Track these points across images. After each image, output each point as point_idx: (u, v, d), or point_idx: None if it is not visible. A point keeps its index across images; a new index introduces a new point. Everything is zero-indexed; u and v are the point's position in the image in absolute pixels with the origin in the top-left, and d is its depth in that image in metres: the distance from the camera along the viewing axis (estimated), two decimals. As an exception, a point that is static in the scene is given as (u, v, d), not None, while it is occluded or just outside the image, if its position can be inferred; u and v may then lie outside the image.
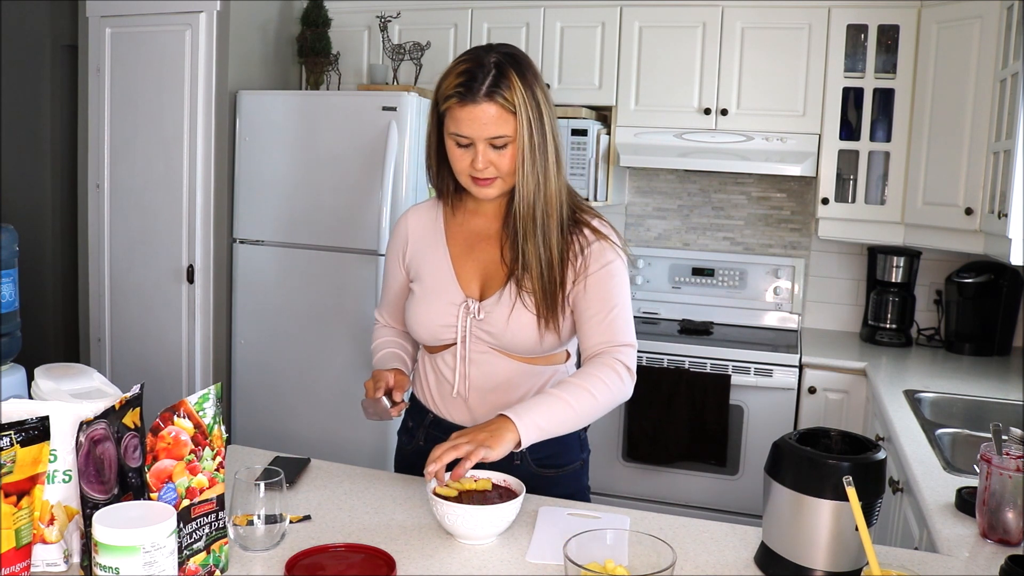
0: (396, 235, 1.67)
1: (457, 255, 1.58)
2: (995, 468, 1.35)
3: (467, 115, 1.42)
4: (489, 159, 1.44)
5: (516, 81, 1.42)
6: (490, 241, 1.57)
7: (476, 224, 1.59)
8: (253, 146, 3.21)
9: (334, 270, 3.12)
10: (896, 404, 2.29)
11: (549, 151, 1.46)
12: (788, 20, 3.08)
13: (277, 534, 1.26)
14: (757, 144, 3.12)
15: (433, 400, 1.63)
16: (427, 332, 1.57)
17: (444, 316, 1.54)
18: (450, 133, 1.46)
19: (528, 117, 1.42)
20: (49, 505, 1.15)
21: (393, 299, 1.71)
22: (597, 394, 1.44)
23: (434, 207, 1.64)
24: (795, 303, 3.39)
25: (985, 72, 2.66)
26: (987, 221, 2.61)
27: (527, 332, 1.51)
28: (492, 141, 1.43)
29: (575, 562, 1.09)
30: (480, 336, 1.54)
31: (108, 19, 3.31)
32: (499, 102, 1.41)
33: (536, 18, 3.33)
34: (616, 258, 1.52)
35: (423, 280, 1.59)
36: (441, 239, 1.60)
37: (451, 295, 1.55)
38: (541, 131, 1.45)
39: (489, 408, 1.56)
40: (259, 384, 3.28)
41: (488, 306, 1.52)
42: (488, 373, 1.56)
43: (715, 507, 2.99)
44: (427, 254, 1.60)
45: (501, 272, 1.54)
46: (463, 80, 1.42)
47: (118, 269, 3.40)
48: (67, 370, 1.36)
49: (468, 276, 1.56)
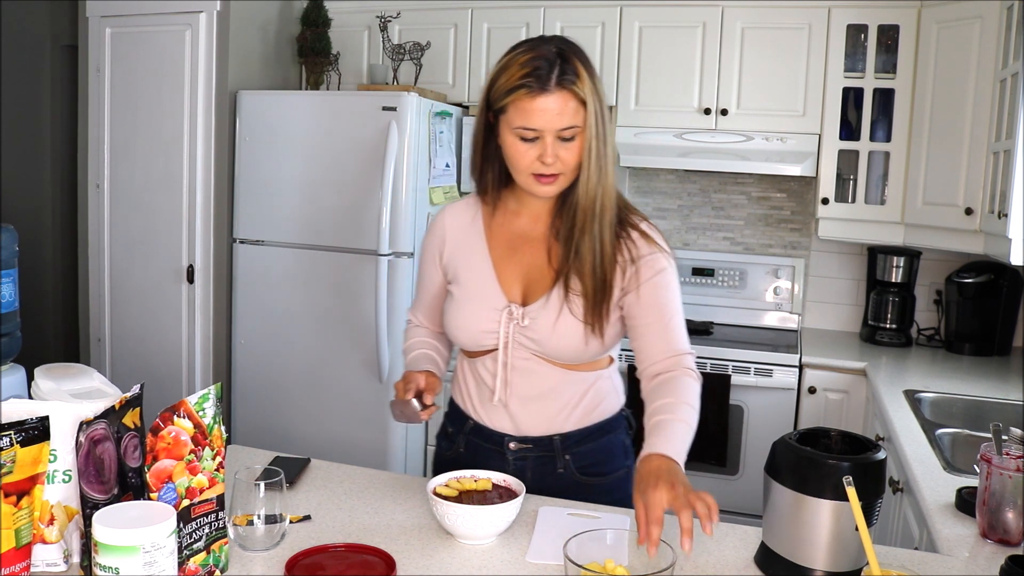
0: (432, 234, 1.61)
1: (498, 257, 1.52)
2: (995, 468, 1.35)
3: (539, 106, 1.35)
4: (556, 152, 1.38)
5: (582, 69, 1.37)
6: (534, 244, 1.51)
7: (519, 225, 1.53)
8: (253, 146, 3.21)
9: (334, 270, 3.12)
10: (896, 404, 2.29)
11: (609, 142, 1.42)
12: (788, 20, 3.08)
13: (277, 534, 1.26)
14: (757, 144, 3.12)
15: (473, 406, 1.58)
16: (467, 337, 1.52)
17: (485, 322, 1.49)
18: (515, 127, 1.38)
19: (595, 107, 1.38)
20: (49, 505, 1.15)
21: (428, 300, 1.65)
22: (696, 406, 1.40)
23: (472, 206, 1.58)
24: (795, 303, 3.39)
25: (985, 72, 2.66)
26: (987, 221, 2.61)
27: (573, 339, 1.46)
28: (561, 133, 1.37)
29: (575, 562, 1.09)
30: (523, 343, 1.48)
31: (108, 19, 3.31)
32: (571, 90, 1.36)
33: (536, 18, 3.33)
34: (668, 265, 1.48)
35: (462, 283, 1.54)
36: (481, 240, 1.54)
37: (492, 300, 1.50)
38: (604, 121, 1.40)
39: (531, 416, 1.53)
40: (259, 384, 3.28)
41: (533, 311, 1.47)
42: (530, 380, 1.51)
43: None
44: (466, 255, 1.55)
45: (546, 276, 1.49)
46: (530, 70, 1.35)
47: (118, 269, 3.40)
48: (67, 370, 1.36)
49: (510, 280, 1.51)
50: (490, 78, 1.42)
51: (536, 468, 1.54)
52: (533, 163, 1.40)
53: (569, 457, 1.54)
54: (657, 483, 1.18)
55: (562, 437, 1.54)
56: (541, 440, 1.54)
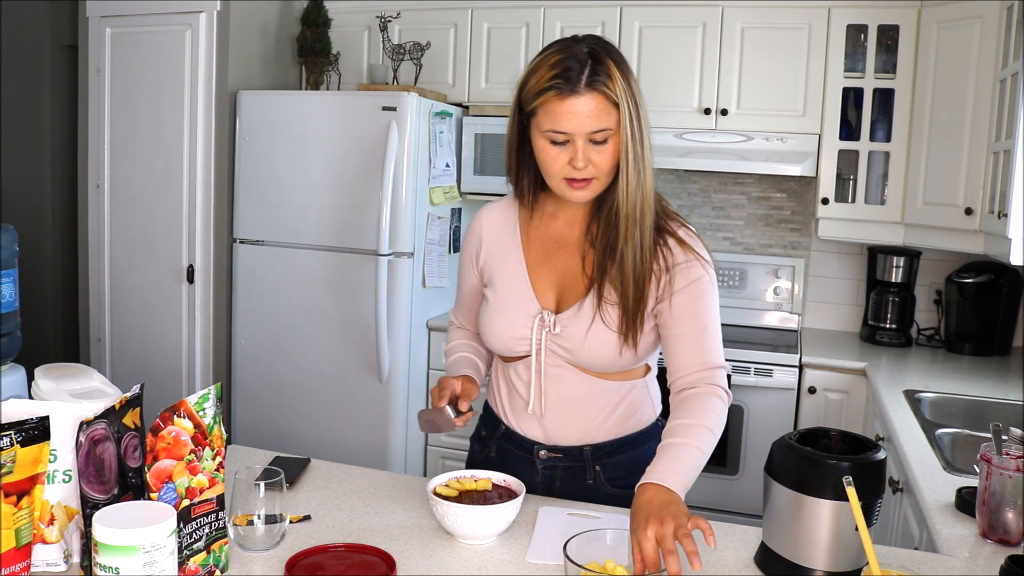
0: (470, 236, 1.58)
1: (533, 262, 1.49)
2: (995, 468, 1.35)
3: (567, 108, 1.31)
4: (588, 156, 1.34)
5: (615, 70, 1.33)
6: (569, 249, 1.48)
7: (555, 229, 1.50)
8: (253, 146, 3.21)
9: (334, 270, 3.12)
10: (896, 404, 2.29)
11: (647, 144, 1.37)
12: (788, 20, 3.08)
13: (277, 534, 1.26)
14: (757, 144, 3.12)
15: (505, 412, 1.56)
16: (500, 343, 1.50)
17: (518, 328, 1.47)
18: (544, 131, 1.35)
19: (629, 109, 1.33)
20: (49, 505, 1.15)
21: (467, 301, 1.63)
22: (715, 429, 1.36)
23: (509, 207, 1.55)
24: (795, 303, 3.39)
25: (985, 72, 2.66)
26: (987, 221, 2.61)
27: (606, 348, 1.42)
28: (593, 136, 1.33)
29: (575, 562, 1.09)
30: (555, 350, 1.46)
31: (108, 19, 3.31)
32: (602, 91, 1.31)
33: (536, 18, 3.33)
34: (704, 273, 1.43)
35: (496, 287, 1.51)
36: (516, 244, 1.51)
37: (525, 306, 1.47)
38: (640, 123, 1.35)
39: (563, 425, 1.50)
40: (259, 384, 3.28)
41: (565, 319, 1.44)
42: (563, 389, 1.48)
43: (715, 507, 2.98)
44: (501, 259, 1.52)
45: (580, 283, 1.45)
46: (559, 71, 1.31)
47: (118, 269, 3.40)
48: (67, 370, 1.36)
49: (544, 286, 1.48)
50: (521, 79, 1.38)
51: (565, 478, 1.53)
52: (564, 167, 1.36)
53: (599, 468, 1.52)
54: (647, 522, 1.16)
55: (593, 448, 1.51)
56: (571, 450, 1.52)
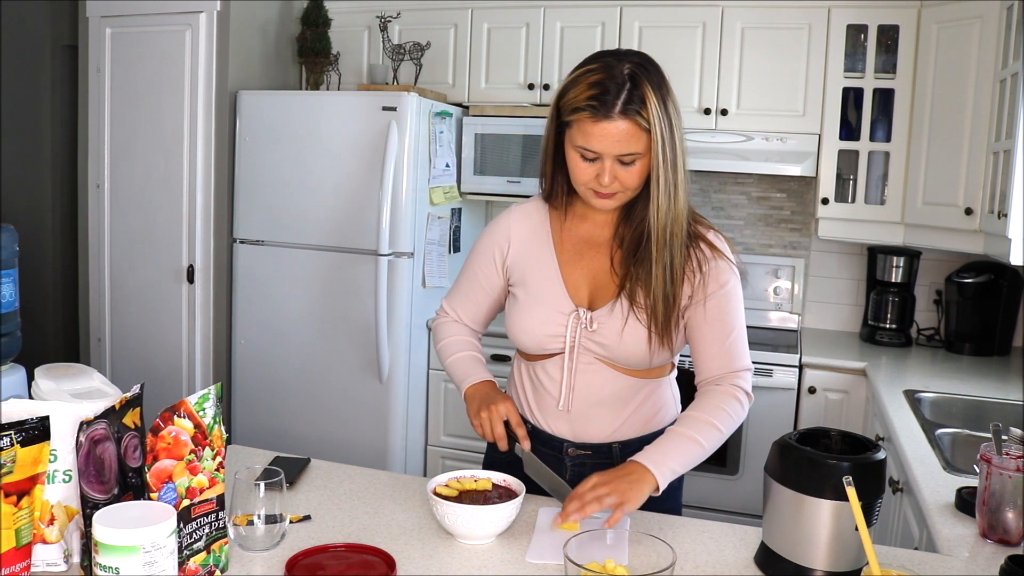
0: (495, 233, 1.58)
1: (565, 261, 1.51)
2: (995, 468, 1.35)
3: (599, 131, 1.35)
4: (615, 174, 1.38)
5: (651, 95, 1.35)
6: (599, 249, 1.51)
7: (585, 230, 1.53)
8: (253, 146, 3.21)
9: (334, 270, 3.12)
10: (896, 404, 2.29)
11: (680, 165, 1.40)
12: (788, 20, 3.08)
13: (277, 534, 1.26)
14: (757, 144, 3.12)
15: (531, 410, 1.57)
16: (533, 341, 1.51)
17: (552, 325, 1.48)
18: (576, 146, 1.39)
19: (661, 134, 1.35)
20: (49, 505, 1.15)
21: (477, 298, 1.61)
22: (723, 427, 1.41)
23: (539, 209, 1.57)
24: (795, 303, 3.39)
25: (985, 72, 2.66)
26: (987, 221, 2.61)
27: (640, 345, 1.45)
28: (621, 158, 1.37)
29: (575, 562, 1.09)
30: (589, 347, 1.48)
31: (108, 19, 3.31)
32: (634, 119, 1.34)
33: (536, 18, 3.33)
34: (732, 276, 1.48)
35: (528, 286, 1.52)
36: (548, 244, 1.53)
37: (559, 304, 1.49)
38: (673, 146, 1.38)
39: (591, 423, 1.52)
40: (259, 384, 3.28)
41: (601, 316, 1.46)
42: (594, 386, 1.50)
43: (715, 507, 2.98)
44: (533, 258, 1.53)
45: (612, 282, 1.48)
46: (596, 93, 1.34)
47: (118, 269, 3.40)
48: (67, 370, 1.36)
49: (576, 284, 1.50)
50: (562, 87, 1.41)
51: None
52: (592, 180, 1.40)
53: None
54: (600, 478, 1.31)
55: (621, 445, 1.53)
56: (600, 447, 1.53)
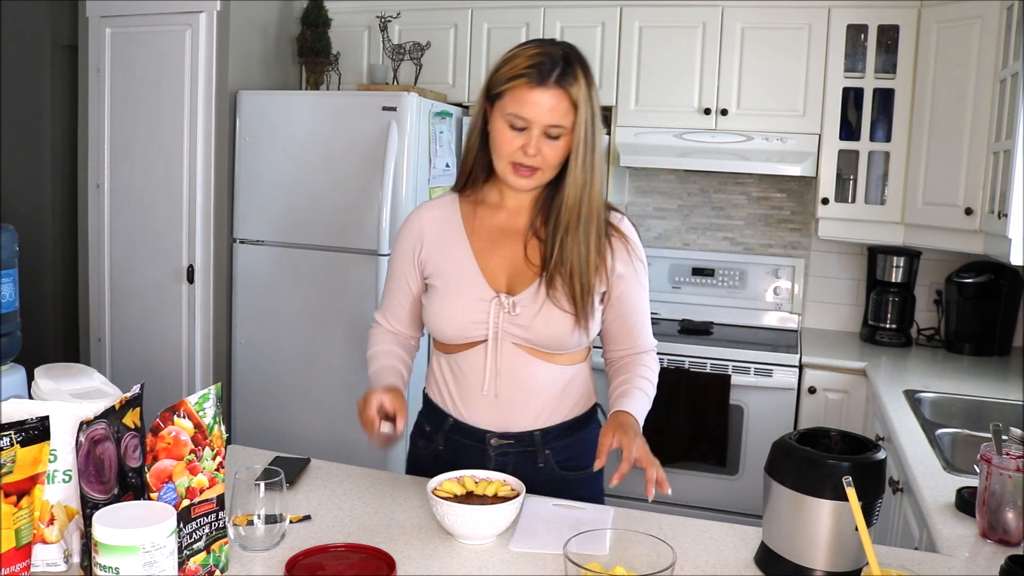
0: (407, 233, 1.61)
1: (480, 251, 1.54)
2: (995, 468, 1.35)
3: (534, 97, 1.41)
4: (540, 147, 1.43)
5: (581, 76, 1.44)
6: (514, 237, 1.54)
7: (498, 219, 1.56)
8: (253, 146, 3.21)
9: (334, 270, 3.12)
10: (896, 404, 2.29)
11: (598, 150, 1.48)
12: (788, 20, 3.08)
13: (277, 534, 1.26)
14: (757, 144, 3.12)
15: (454, 402, 1.58)
16: (454, 329, 1.53)
17: (474, 312, 1.50)
18: (507, 114, 1.43)
19: (587, 114, 1.44)
20: (49, 505, 1.15)
21: (399, 300, 1.64)
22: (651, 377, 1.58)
23: (448, 204, 1.60)
24: (795, 303, 3.39)
25: (985, 72, 2.66)
26: (987, 221, 2.61)
27: (561, 324, 1.48)
28: (548, 130, 1.43)
29: (575, 562, 1.09)
30: (511, 331, 1.50)
31: (108, 19, 3.31)
32: (567, 91, 1.42)
33: (536, 18, 3.33)
34: (640, 262, 1.56)
35: (445, 276, 1.54)
36: (461, 234, 1.56)
37: (479, 291, 1.51)
38: (593, 130, 1.46)
39: (516, 409, 1.53)
40: (259, 384, 3.28)
41: (523, 301, 1.49)
42: (518, 373, 1.52)
43: (715, 507, 2.98)
44: (446, 250, 1.56)
45: (528, 268, 1.52)
46: (535, 63, 1.42)
47: (118, 269, 3.40)
48: (67, 370, 1.36)
49: (494, 271, 1.53)
50: (494, 67, 1.48)
51: (518, 464, 1.55)
52: (516, 152, 1.45)
53: (549, 452, 1.56)
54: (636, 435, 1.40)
55: (543, 432, 1.56)
56: (522, 436, 1.56)
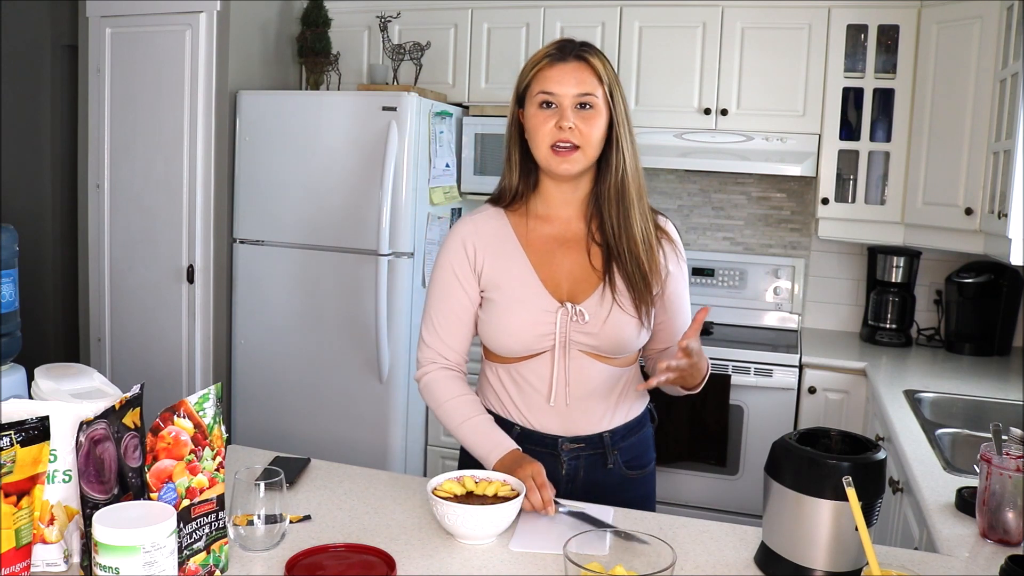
0: (455, 247, 1.55)
1: (538, 262, 1.53)
2: (995, 468, 1.35)
3: (557, 72, 1.46)
4: (574, 121, 1.45)
5: (601, 57, 1.50)
6: (571, 246, 1.54)
7: (551, 230, 1.55)
8: (253, 146, 3.21)
9: (334, 270, 3.12)
10: (896, 404, 2.29)
11: (634, 139, 1.52)
12: (788, 20, 3.08)
13: (277, 534, 1.26)
14: (757, 144, 3.12)
15: (520, 412, 1.56)
16: (519, 343, 1.51)
17: (541, 325, 1.49)
18: (536, 95, 1.47)
19: (617, 92, 1.49)
20: (49, 505, 1.15)
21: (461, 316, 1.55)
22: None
23: (494, 216, 1.57)
24: (795, 303, 3.39)
25: (985, 72, 2.66)
26: (987, 221, 2.61)
27: (626, 329, 1.50)
28: (579, 99, 1.46)
29: (575, 562, 1.09)
30: (578, 339, 1.50)
31: (108, 19, 3.31)
32: (589, 62, 1.47)
33: (536, 18, 3.33)
34: (684, 262, 1.60)
35: (504, 289, 1.52)
36: (516, 246, 1.54)
37: (542, 302, 1.50)
38: (626, 115, 1.51)
39: (583, 415, 1.54)
40: (259, 384, 3.28)
41: (590, 307, 1.49)
42: (583, 378, 1.52)
43: (715, 507, 2.98)
44: (503, 261, 1.53)
45: (591, 275, 1.52)
46: (554, 47, 1.49)
47: (118, 269, 3.40)
48: (67, 370, 1.36)
49: (556, 281, 1.52)
50: (519, 73, 1.53)
51: (588, 467, 1.57)
52: (552, 131, 1.46)
53: (617, 452, 1.58)
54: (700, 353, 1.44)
55: (611, 433, 1.57)
56: (592, 438, 1.56)
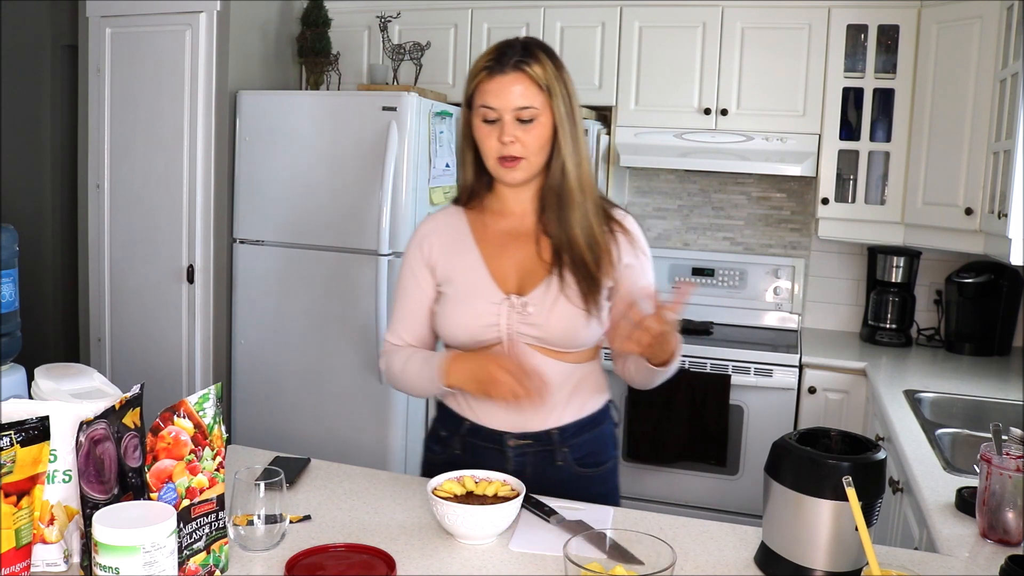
0: (415, 245, 1.61)
1: (489, 255, 1.56)
2: (995, 468, 1.35)
3: (495, 85, 1.45)
4: (515, 134, 1.45)
5: (544, 58, 1.47)
6: (522, 239, 1.56)
7: (505, 225, 1.58)
8: (253, 146, 3.20)
9: (334, 270, 3.12)
10: (896, 404, 2.29)
11: (580, 136, 1.50)
12: (788, 20, 3.08)
13: (277, 534, 1.26)
14: (757, 144, 3.12)
15: (470, 406, 1.58)
16: (467, 334, 1.53)
17: (485, 316, 1.51)
18: (478, 108, 1.47)
19: (560, 94, 1.46)
20: (49, 505, 1.15)
21: (414, 314, 1.61)
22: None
23: (453, 214, 1.62)
24: (795, 303, 3.39)
25: (985, 72, 2.66)
26: (987, 221, 2.61)
27: (572, 321, 1.49)
28: (518, 114, 1.45)
29: (575, 562, 1.09)
30: (523, 331, 1.51)
31: (108, 19, 3.31)
32: (527, 73, 1.45)
33: (536, 18, 3.33)
34: (645, 256, 1.58)
35: (455, 282, 1.56)
36: (470, 241, 1.58)
37: (489, 295, 1.53)
38: (572, 113, 1.49)
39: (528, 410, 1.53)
40: (259, 384, 3.28)
41: (534, 299, 1.50)
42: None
43: (715, 507, 2.98)
44: (456, 257, 1.57)
45: (539, 267, 1.53)
46: (493, 56, 1.47)
47: (118, 269, 3.39)
48: (67, 370, 1.36)
49: (504, 274, 1.54)
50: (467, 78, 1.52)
51: (536, 463, 1.56)
52: (496, 145, 1.47)
53: (567, 449, 1.57)
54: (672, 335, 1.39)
55: (560, 430, 1.56)
56: (540, 435, 1.56)
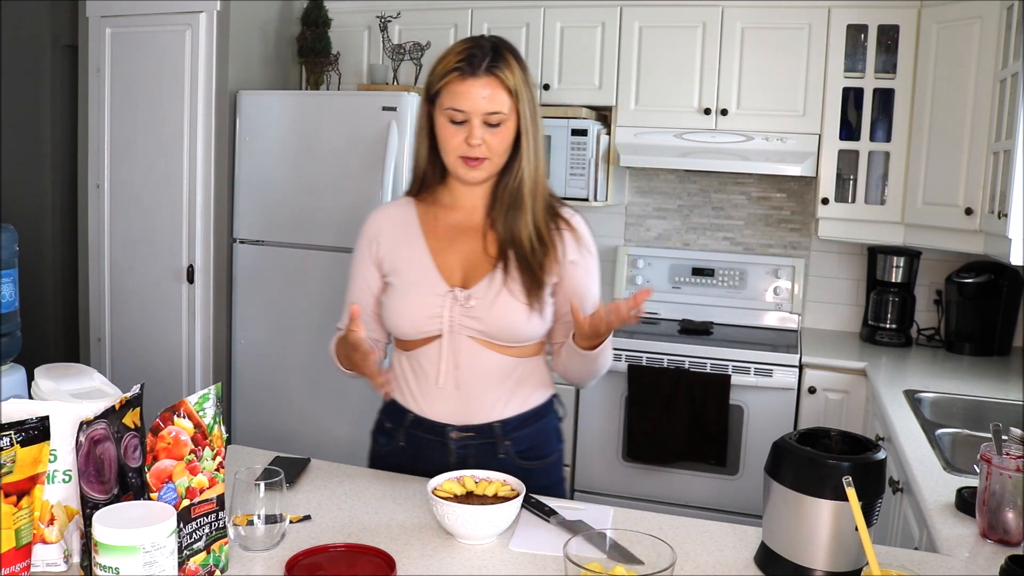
0: (364, 236, 1.66)
1: (437, 248, 1.58)
2: (995, 468, 1.35)
3: (466, 89, 1.45)
4: (483, 136, 1.47)
5: (513, 62, 1.48)
6: (470, 233, 1.58)
7: (454, 218, 1.60)
8: (253, 146, 3.21)
9: (334, 270, 3.12)
10: (896, 404, 2.29)
11: (540, 138, 1.54)
12: (788, 20, 3.08)
13: (277, 534, 1.26)
14: (757, 144, 3.12)
15: (414, 398, 1.60)
16: (410, 324, 1.55)
17: (429, 307, 1.54)
18: (445, 109, 1.47)
19: (526, 98, 1.49)
20: (49, 505, 1.15)
21: (362, 301, 1.64)
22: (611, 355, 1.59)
23: (403, 206, 1.64)
24: (795, 303, 3.39)
25: (985, 72, 2.66)
26: (987, 221, 2.61)
27: (514, 315, 1.51)
28: (487, 118, 1.46)
29: (575, 562, 1.09)
30: (466, 324, 1.53)
31: (108, 19, 3.31)
32: (499, 77, 1.46)
33: (536, 18, 3.33)
34: (590, 255, 1.59)
35: (401, 273, 1.58)
36: (417, 233, 1.60)
37: (433, 286, 1.55)
38: (535, 117, 1.52)
39: (474, 401, 1.56)
40: (259, 384, 3.28)
41: (477, 292, 1.52)
42: (473, 365, 1.55)
43: (715, 507, 2.98)
44: (403, 248, 1.60)
45: (484, 262, 1.55)
46: (464, 57, 1.46)
47: (118, 269, 3.40)
48: (67, 370, 1.36)
49: (449, 267, 1.56)
50: (430, 69, 1.52)
51: (478, 456, 1.57)
52: (461, 145, 1.48)
53: (509, 443, 1.58)
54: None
55: (502, 423, 1.58)
56: (482, 427, 1.58)
